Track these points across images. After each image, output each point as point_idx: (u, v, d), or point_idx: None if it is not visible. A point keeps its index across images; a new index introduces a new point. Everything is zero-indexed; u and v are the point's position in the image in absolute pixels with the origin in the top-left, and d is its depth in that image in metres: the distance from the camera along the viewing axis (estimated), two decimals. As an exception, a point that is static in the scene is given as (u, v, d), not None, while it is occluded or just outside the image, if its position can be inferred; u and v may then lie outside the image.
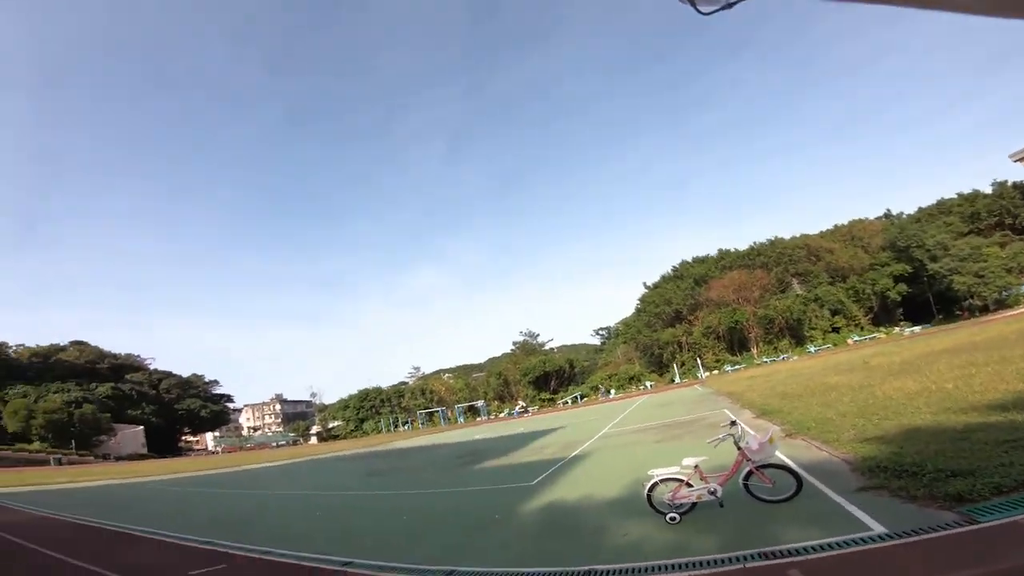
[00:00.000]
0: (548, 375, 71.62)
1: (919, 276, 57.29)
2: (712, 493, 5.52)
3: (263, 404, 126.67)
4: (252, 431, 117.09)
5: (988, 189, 62.84)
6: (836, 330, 58.34)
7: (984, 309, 52.04)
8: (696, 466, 5.63)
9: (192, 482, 19.04)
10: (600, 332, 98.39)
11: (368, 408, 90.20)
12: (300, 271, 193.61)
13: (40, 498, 14.61)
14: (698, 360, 58.78)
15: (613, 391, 60.93)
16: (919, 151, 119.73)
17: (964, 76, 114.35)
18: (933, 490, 4.74)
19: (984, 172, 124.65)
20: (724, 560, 4.25)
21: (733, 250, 74.02)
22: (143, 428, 64.84)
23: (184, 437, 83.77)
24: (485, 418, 66.16)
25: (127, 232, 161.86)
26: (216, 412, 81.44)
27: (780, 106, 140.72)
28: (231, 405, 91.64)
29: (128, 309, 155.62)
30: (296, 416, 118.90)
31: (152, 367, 79.47)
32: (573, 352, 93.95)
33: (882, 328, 56.63)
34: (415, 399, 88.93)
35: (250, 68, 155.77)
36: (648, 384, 57.99)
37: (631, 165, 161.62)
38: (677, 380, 56.03)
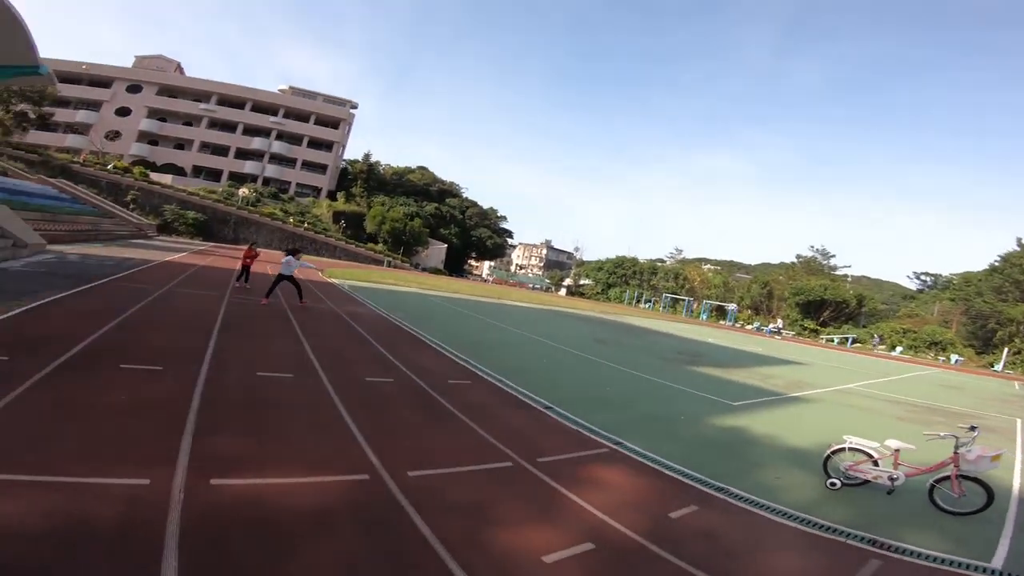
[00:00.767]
0: (823, 303, 61.91)
1: None
2: (892, 479, 5.25)
3: (533, 246, 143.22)
4: (519, 268, 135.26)
5: None
6: None
7: None
8: (897, 450, 5.39)
9: (467, 305, 23.53)
10: (921, 277, 79.20)
11: (619, 276, 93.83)
12: (596, 131, 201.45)
13: (376, 296, 19.68)
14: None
15: (900, 348, 50.25)
16: None
17: None
18: None
19: None
20: (851, 534, 4.29)
21: None
22: (446, 247, 76.64)
23: (470, 261, 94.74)
24: (729, 324, 62.90)
25: (468, 85, 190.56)
26: (498, 244, 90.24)
27: None
28: (510, 241, 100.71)
29: (458, 144, 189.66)
30: (556, 264, 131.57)
31: (465, 195, 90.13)
32: (871, 288, 78.53)
33: None
34: (666, 281, 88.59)
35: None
36: (954, 359, 45.06)
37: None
38: (998, 368, 42.48)
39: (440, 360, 9.26)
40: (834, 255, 77.70)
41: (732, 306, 69.15)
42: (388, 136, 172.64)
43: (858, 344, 52.39)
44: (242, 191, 59.85)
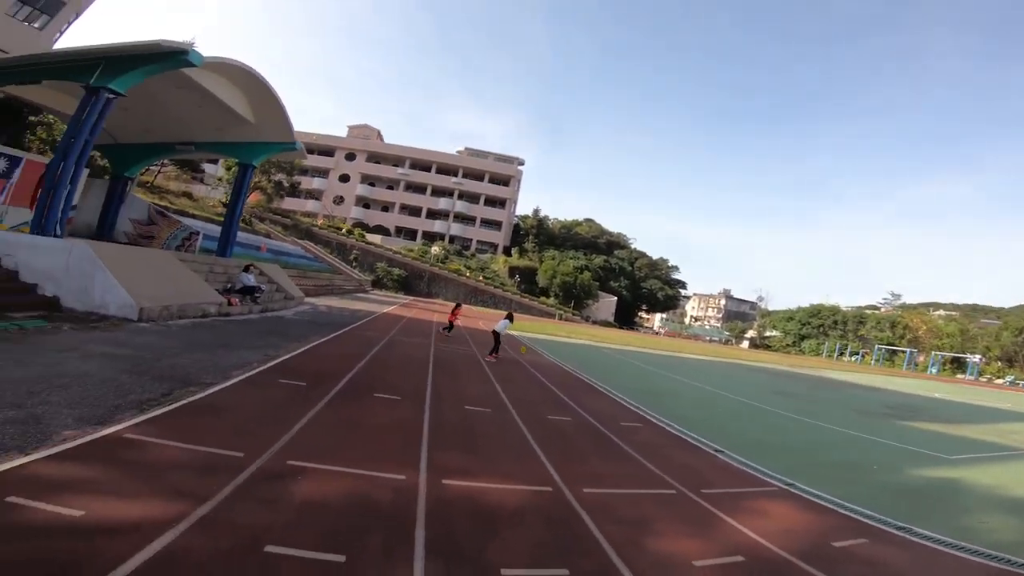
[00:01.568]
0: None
1: None
2: None
3: (709, 296, 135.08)
4: (693, 320, 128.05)
5: None
6: None
7: None
8: None
9: (639, 356, 23.95)
10: None
11: (815, 326, 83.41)
12: (772, 169, 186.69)
13: (551, 346, 21.05)
14: None
15: None
16: None
17: None
18: None
19: None
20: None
21: None
22: (616, 299, 76.91)
23: (640, 313, 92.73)
24: (971, 378, 51.21)
25: (624, 134, 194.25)
26: (670, 296, 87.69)
27: None
28: (683, 291, 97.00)
29: (622, 195, 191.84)
30: (737, 315, 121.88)
31: (633, 246, 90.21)
32: None
33: None
34: (879, 331, 76.07)
35: None
36: None
37: None
38: None
39: (612, 405, 9.93)
40: None
41: (975, 357, 56.31)
42: (553, 189, 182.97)
43: None
44: (434, 249, 68.68)
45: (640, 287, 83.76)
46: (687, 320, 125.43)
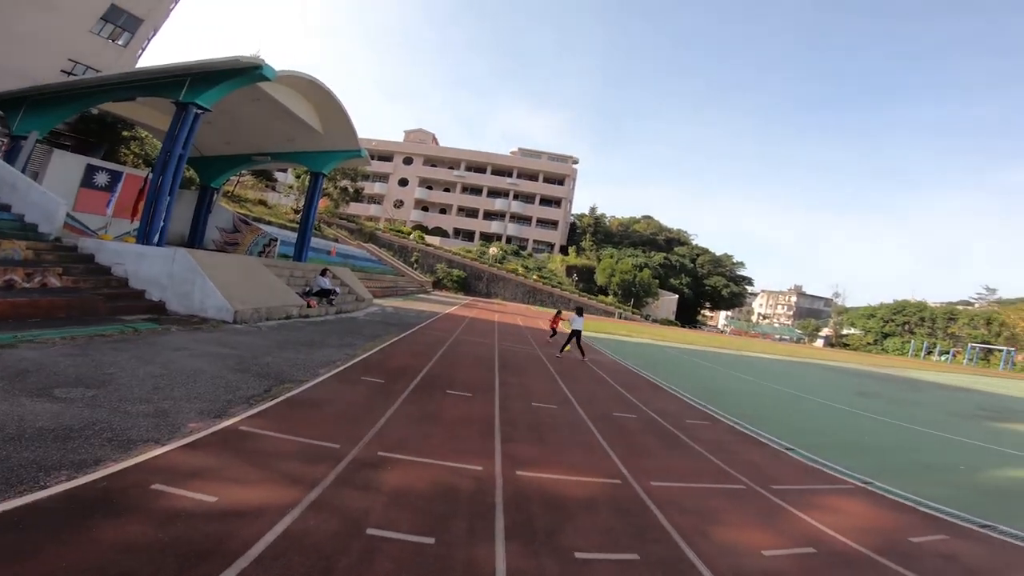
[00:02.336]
0: None
1: None
2: None
3: (779, 293, 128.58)
4: (761, 318, 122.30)
5: None
6: None
7: None
8: None
9: (703, 355, 23.32)
10: None
11: (899, 323, 77.66)
12: (852, 158, 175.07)
13: (612, 345, 20.89)
14: None
15: None
16: None
17: None
18: None
19: None
20: None
21: None
22: (677, 297, 75.37)
23: (703, 311, 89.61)
24: (1083, 383, 45.78)
25: (679, 130, 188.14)
26: (735, 293, 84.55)
27: None
28: (749, 288, 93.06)
29: (685, 189, 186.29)
30: (810, 312, 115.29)
31: (694, 243, 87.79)
32: None
33: None
34: (972, 328, 69.87)
35: None
36: None
37: None
38: None
39: (678, 403, 9.88)
40: None
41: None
42: (610, 186, 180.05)
43: None
44: (491, 250, 69.65)
45: (703, 284, 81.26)
46: (754, 318, 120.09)
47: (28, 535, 2.63)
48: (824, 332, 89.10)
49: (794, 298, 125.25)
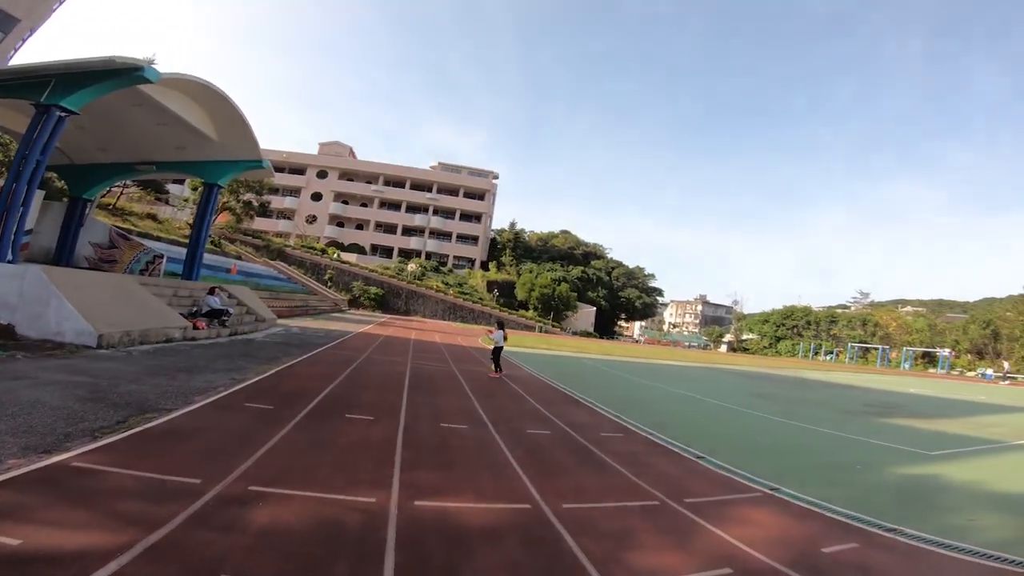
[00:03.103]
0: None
1: None
2: None
3: (687, 303, 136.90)
4: (672, 327, 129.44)
5: None
6: None
7: None
8: None
9: (619, 365, 23.81)
10: None
11: (789, 327, 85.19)
12: (746, 179, 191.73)
13: (530, 359, 20.62)
14: None
15: None
16: None
17: None
18: None
19: None
20: None
21: None
22: (595, 309, 77.38)
23: (619, 322, 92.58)
24: (943, 372, 52.72)
25: (592, 146, 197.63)
26: (648, 304, 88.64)
27: None
28: (660, 299, 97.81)
29: (598, 206, 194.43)
30: (714, 320, 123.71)
31: (610, 256, 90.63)
32: None
33: None
34: (850, 329, 78.15)
35: None
36: None
37: None
38: None
39: (593, 416, 9.76)
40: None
41: (944, 351, 58.16)
42: (528, 201, 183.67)
43: None
44: (410, 267, 68.18)
45: (618, 296, 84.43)
46: (666, 327, 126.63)
47: None
48: (727, 338, 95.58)
49: (700, 307, 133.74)
